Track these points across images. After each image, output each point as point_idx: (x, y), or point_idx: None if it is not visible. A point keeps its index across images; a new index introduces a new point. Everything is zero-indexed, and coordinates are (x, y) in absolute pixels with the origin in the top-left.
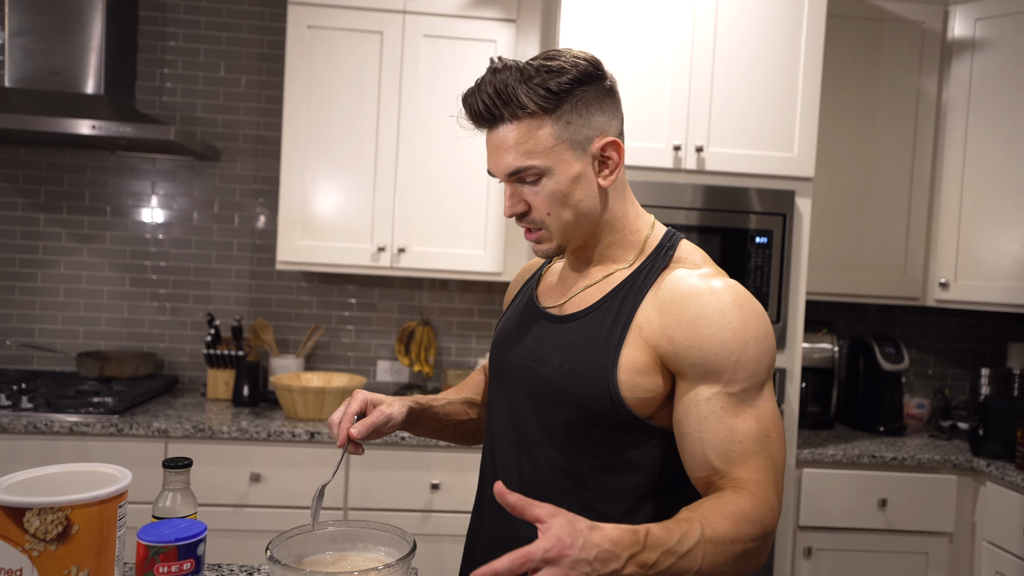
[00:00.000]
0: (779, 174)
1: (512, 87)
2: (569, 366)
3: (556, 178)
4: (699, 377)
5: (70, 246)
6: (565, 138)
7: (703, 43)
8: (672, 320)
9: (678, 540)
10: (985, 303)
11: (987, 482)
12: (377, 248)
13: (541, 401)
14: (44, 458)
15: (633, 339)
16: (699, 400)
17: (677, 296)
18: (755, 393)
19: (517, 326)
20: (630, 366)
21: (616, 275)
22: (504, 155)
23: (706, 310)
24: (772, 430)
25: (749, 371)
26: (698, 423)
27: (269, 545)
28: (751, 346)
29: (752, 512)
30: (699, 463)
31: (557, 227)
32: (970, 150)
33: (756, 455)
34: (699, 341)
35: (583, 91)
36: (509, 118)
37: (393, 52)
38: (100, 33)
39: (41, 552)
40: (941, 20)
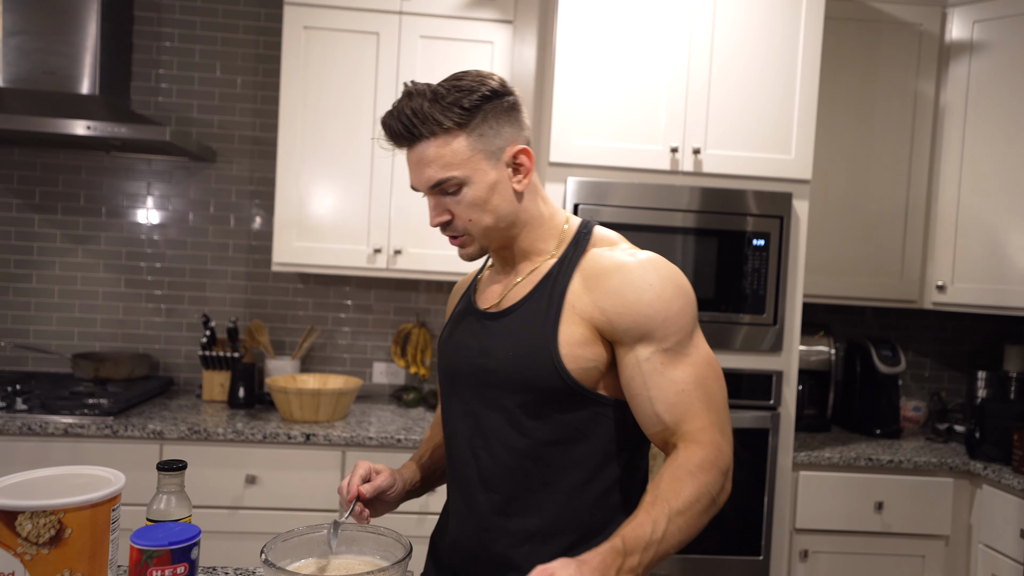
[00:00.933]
0: (776, 176)
1: (427, 107)
2: (513, 352)
3: (475, 187)
4: (635, 340)
5: (65, 247)
6: (479, 149)
7: (700, 45)
8: (600, 293)
9: (651, 530)
10: (982, 306)
11: (983, 485)
12: (373, 250)
13: (492, 391)
14: (38, 460)
15: (568, 316)
16: (640, 361)
17: (601, 271)
18: (687, 344)
19: (459, 331)
20: (569, 340)
21: (543, 266)
22: (425, 169)
23: (629, 278)
24: (708, 372)
25: (678, 325)
26: (644, 382)
27: (264, 548)
28: (674, 303)
29: (704, 461)
30: (651, 420)
31: (478, 231)
32: (967, 153)
33: (697, 399)
34: (628, 307)
35: (492, 106)
36: (427, 135)
37: (390, 53)
38: (95, 33)
39: (34, 556)
40: (939, 22)
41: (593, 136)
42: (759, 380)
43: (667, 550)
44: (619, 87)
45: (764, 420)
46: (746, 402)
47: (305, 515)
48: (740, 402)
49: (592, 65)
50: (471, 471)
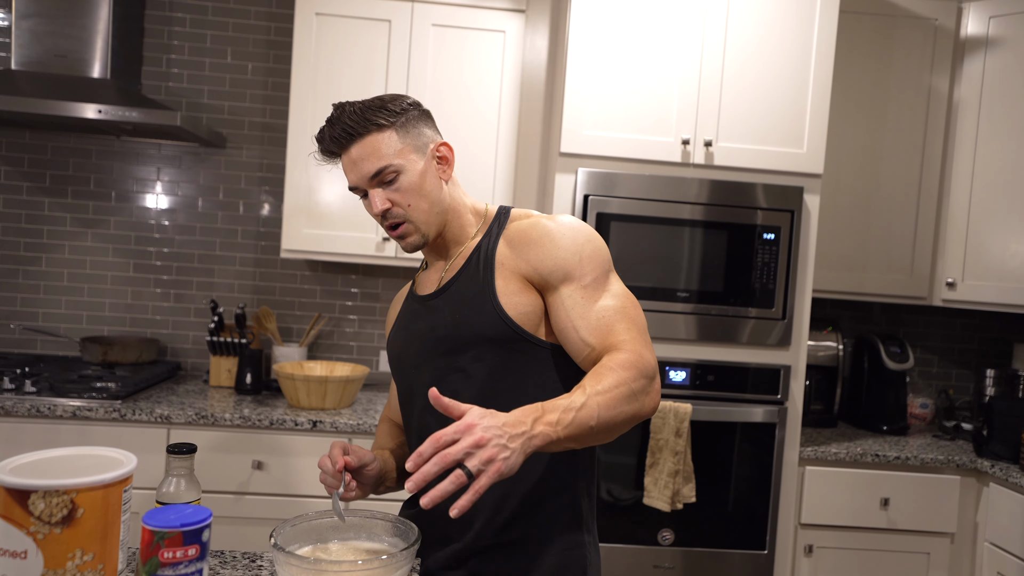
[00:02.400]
0: (788, 170)
1: (360, 112)
2: (459, 315)
3: (408, 174)
4: (559, 282)
5: (74, 231)
6: (408, 143)
7: (714, 37)
8: (523, 248)
9: (570, 400)
10: (992, 303)
11: (990, 483)
12: (382, 238)
13: (444, 357)
14: (47, 442)
15: (500, 273)
16: (564, 299)
17: (521, 232)
18: (603, 280)
19: (407, 322)
20: (504, 290)
21: (468, 245)
22: (363, 163)
23: (544, 231)
24: (627, 303)
25: (593, 263)
26: (567, 315)
27: (273, 532)
28: (586, 246)
29: (626, 361)
30: (578, 346)
31: (417, 215)
32: (980, 149)
33: (618, 322)
34: (547, 254)
35: (412, 111)
36: (363, 133)
37: (401, 41)
38: (107, 17)
39: (46, 535)
40: (954, 17)
41: (604, 127)
42: (766, 374)
43: (587, 419)
44: (631, 78)
45: (771, 414)
46: (753, 396)
47: (311, 501)
48: (747, 396)
49: (604, 56)
50: None
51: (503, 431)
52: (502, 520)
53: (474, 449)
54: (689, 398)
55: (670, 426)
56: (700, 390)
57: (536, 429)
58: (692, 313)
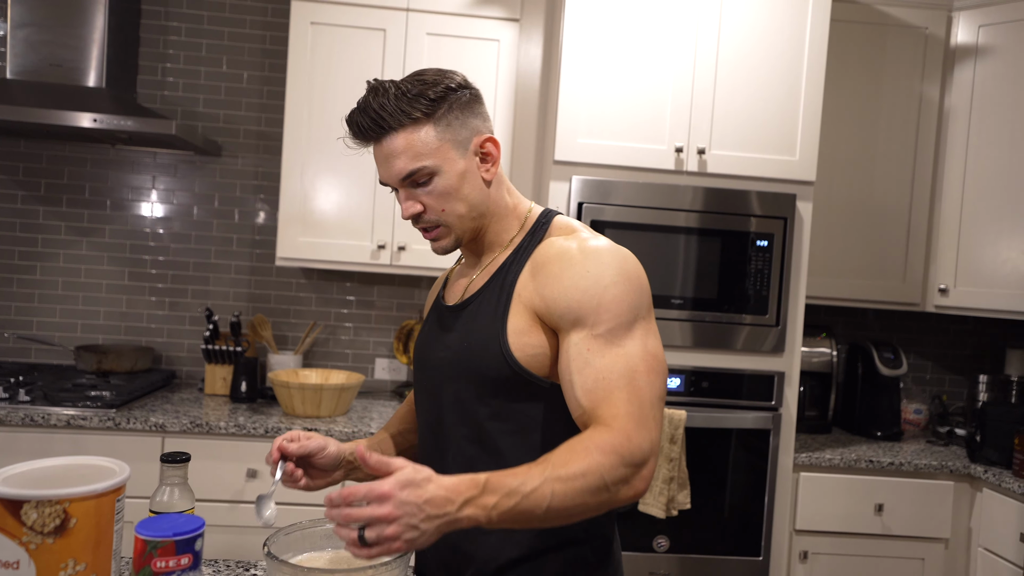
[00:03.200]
0: (781, 177)
1: (395, 98)
2: (466, 344)
3: (445, 175)
4: (569, 326)
5: (69, 239)
6: (448, 139)
7: (707, 45)
8: (542, 279)
9: (521, 481)
10: (984, 309)
11: (984, 488)
12: (377, 246)
13: (451, 383)
14: (40, 451)
15: (515, 307)
16: (571, 346)
17: (545, 259)
18: (622, 333)
19: (428, 329)
20: (516, 329)
21: (500, 256)
22: (395, 161)
23: (569, 263)
24: (639, 366)
25: (612, 312)
26: (568, 365)
27: (267, 541)
28: (610, 289)
29: (606, 443)
30: (573, 403)
31: (452, 220)
32: (971, 157)
33: (618, 390)
34: (563, 292)
35: (456, 97)
36: (396, 127)
37: (396, 50)
38: (102, 26)
39: (38, 545)
40: (944, 26)
41: (598, 135)
42: (761, 381)
43: (533, 508)
44: (624, 86)
45: (765, 421)
46: (747, 402)
47: (305, 510)
48: (741, 402)
49: (598, 64)
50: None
51: (420, 510)
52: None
53: (378, 522)
54: (684, 404)
55: (665, 432)
56: (695, 396)
57: (464, 512)
58: (687, 320)
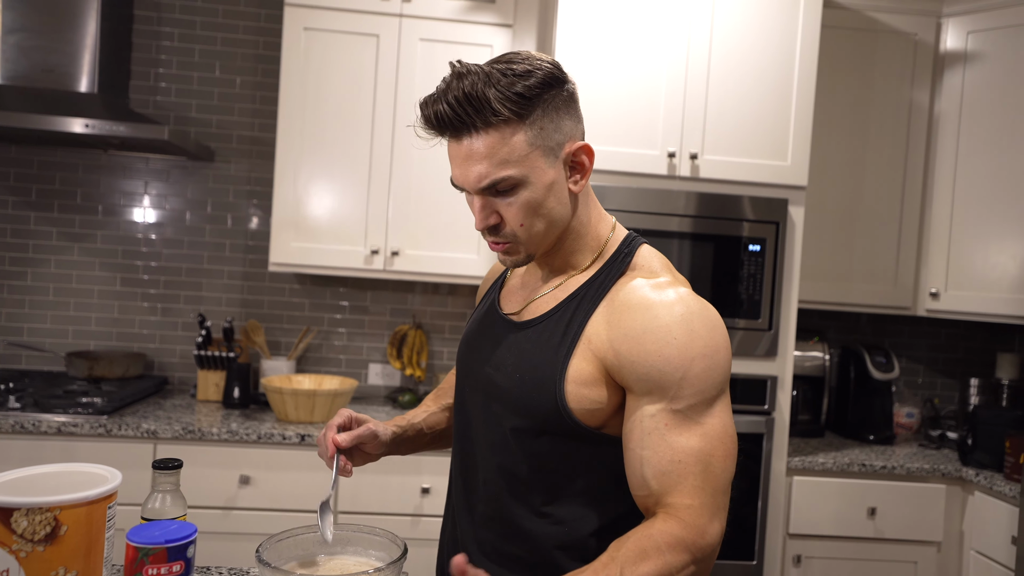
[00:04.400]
0: (773, 182)
1: (482, 92)
2: (520, 374)
3: (532, 187)
4: (644, 392)
5: (61, 245)
6: (538, 145)
7: (699, 51)
8: (620, 333)
9: None
10: (975, 313)
11: (975, 492)
12: (370, 251)
13: (495, 406)
14: (31, 458)
15: (582, 350)
16: (644, 417)
17: (627, 308)
18: (702, 410)
19: (479, 330)
20: (577, 378)
21: (572, 281)
22: (476, 166)
23: (653, 324)
24: (717, 449)
25: (695, 388)
26: (640, 440)
27: (259, 548)
28: (698, 362)
29: (679, 541)
30: (638, 481)
31: (528, 238)
32: (961, 162)
33: (693, 476)
34: (644, 356)
35: (551, 95)
36: (482, 126)
37: (389, 55)
38: (94, 31)
39: (29, 553)
40: (934, 33)
41: (591, 140)
42: (754, 385)
43: None
44: (617, 92)
45: (759, 425)
46: (741, 407)
47: (299, 516)
48: (735, 406)
49: (590, 69)
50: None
51: None
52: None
53: None
54: None
55: None
56: None
57: None
58: None
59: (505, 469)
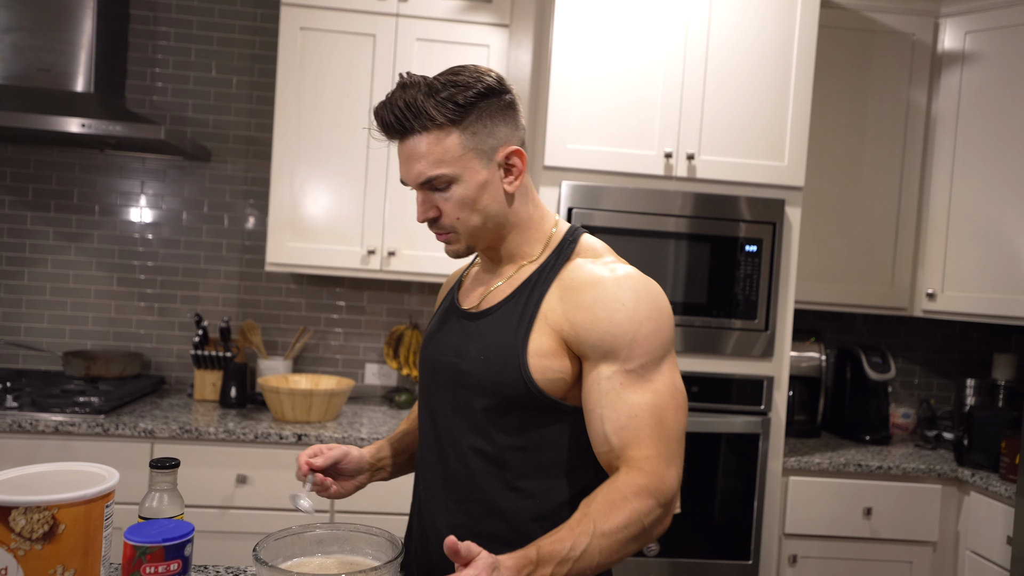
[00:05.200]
0: (769, 183)
1: (421, 101)
2: (485, 356)
3: (464, 185)
4: (600, 357)
5: (57, 244)
6: (471, 147)
7: (696, 51)
8: (572, 305)
9: (570, 547)
10: (971, 314)
11: (971, 492)
12: (367, 251)
13: (462, 392)
14: (28, 457)
15: (540, 326)
16: (601, 379)
17: (577, 283)
18: (652, 369)
19: (440, 328)
20: (538, 351)
21: (524, 270)
22: (415, 164)
23: (602, 295)
24: (668, 402)
25: (645, 349)
26: (599, 399)
27: (256, 547)
28: (645, 325)
29: (643, 488)
30: (599, 438)
31: (465, 230)
32: (958, 162)
33: (649, 428)
34: (596, 323)
35: (487, 104)
36: (419, 129)
37: (386, 55)
38: (91, 31)
39: (27, 551)
40: (932, 33)
41: (588, 140)
42: (750, 385)
43: (584, 568)
44: (614, 92)
45: (755, 425)
46: (737, 407)
47: (295, 515)
48: (731, 407)
49: (588, 70)
50: (438, 470)
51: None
52: None
53: None
54: None
55: None
56: None
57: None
58: (676, 325)
59: (477, 449)
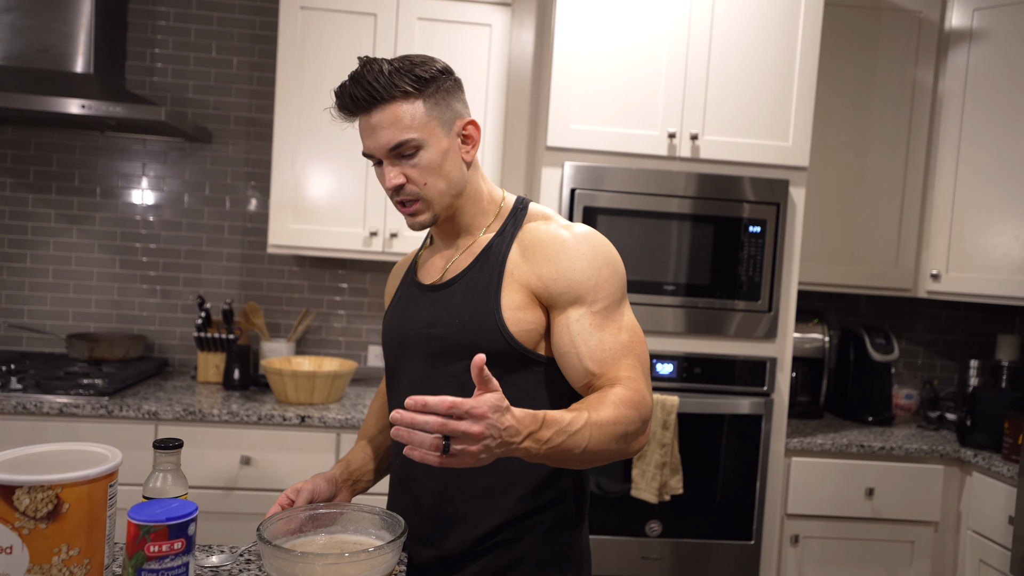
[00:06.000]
0: (774, 163)
1: (387, 73)
2: (459, 319)
3: (431, 150)
4: (568, 304)
5: (59, 227)
6: (435, 116)
7: (699, 30)
8: (537, 261)
9: (569, 421)
10: (976, 295)
11: (973, 472)
12: (369, 233)
13: (438, 359)
14: (33, 439)
15: (508, 283)
16: (570, 321)
17: (537, 242)
18: (615, 309)
19: (404, 307)
20: (510, 305)
21: (481, 239)
22: (384, 132)
23: (563, 247)
24: (634, 337)
25: (606, 291)
26: (572, 340)
27: (260, 526)
28: (604, 270)
29: (629, 399)
30: (579, 373)
31: (433, 195)
32: (965, 142)
33: (624, 356)
34: (562, 273)
35: (443, 79)
36: (387, 99)
37: (387, 34)
38: (90, 11)
39: (31, 530)
40: (939, 10)
41: (590, 121)
42: (753, 366)
43: (574, 447)
44: (617, 72)
45: (758, 406)
46: (740, 388)
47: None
48: (734, 388)
49: (590, 49)
50: None
51: (499, 434)
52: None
53: (467, 438)
54: (676, 390)
55: (657, 418)
56: (687, 382)
57: (523, 444)
58: (680, 306)
59: None
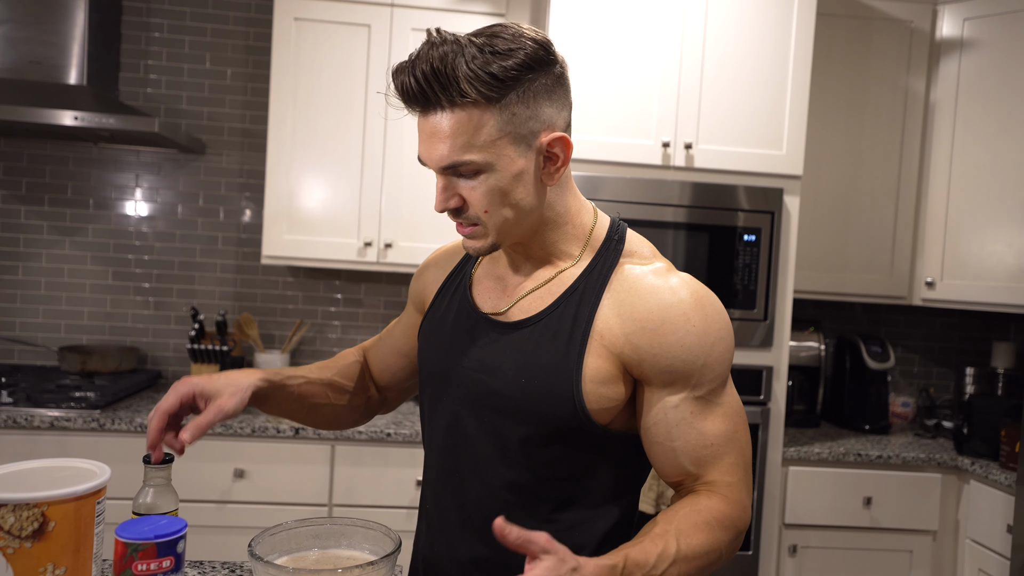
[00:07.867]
0: (768, 172)
1: (451, 68)
2: (526, 379)
3: (496, 175)
4: (666, 384)
5: (52, 239)
6: (508, 131)
7: (693, 39)
8: (635, 327)
9: (655, 562)
10: (971, 302)
11: (971, 480)
12: (364, 243)
13: (492, 415)
14: (24, 453)
15: (595, 347)
16: (667, 409)
17: (636, 299)
18: (720, 391)
19: (455, 330)
20: (595, 377)
21: (566, 274)
22: (438, 145)
23: (669, 314)
24: (739, 423)
25: (715, 372)
26: (668, 432)
27: (252, 542)
28: (716, 347)
29: (726, 518)
30: (673, 470)
31: (494, 225)
32: (957, 150)
33: (727, 455)
34: (665, 348)
35: (531, 78)
36: (447, 105)
37: (381, 46)
38: (83, 23)
39: (16, 549)
40: (930, 20)
41: (585, 130)
42: (749, 375)
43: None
44: (611, 81)
45: (754, 415)
46: None
47: (293, 509)
48: None
49: (584, 59)
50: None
51: None
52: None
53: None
54: None
55: None
56: None
57: None
58: None
59: (509, 481)
